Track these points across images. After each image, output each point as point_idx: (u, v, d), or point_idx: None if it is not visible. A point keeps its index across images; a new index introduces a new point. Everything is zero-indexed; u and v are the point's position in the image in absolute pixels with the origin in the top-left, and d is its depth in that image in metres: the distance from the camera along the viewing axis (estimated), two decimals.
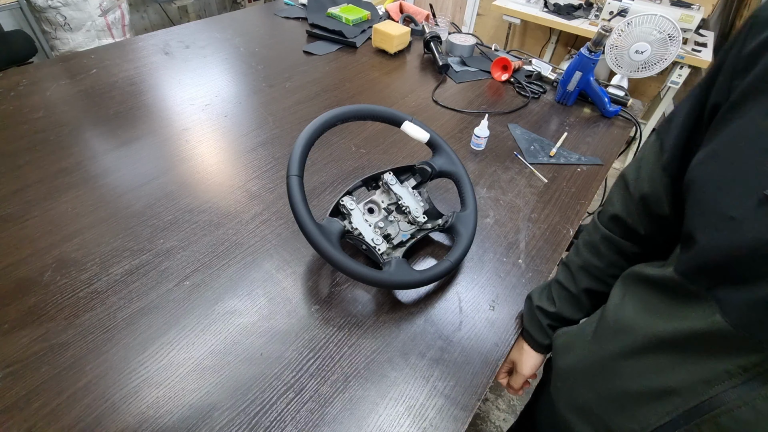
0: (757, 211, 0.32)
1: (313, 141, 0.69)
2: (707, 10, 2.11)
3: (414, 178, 0.83)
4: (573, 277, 0.63)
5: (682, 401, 0.38)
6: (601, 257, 0.60)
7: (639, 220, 0.53)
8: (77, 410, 0.56)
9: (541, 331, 0.66)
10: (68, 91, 1.16)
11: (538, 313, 0.66)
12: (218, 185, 0.91)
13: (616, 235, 0.57)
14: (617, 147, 1.12)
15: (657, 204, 0.50)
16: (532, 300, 0.68)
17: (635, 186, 0.53)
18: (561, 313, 0.64)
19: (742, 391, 0.34)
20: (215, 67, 1.33)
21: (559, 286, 0.65)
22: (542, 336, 0.66)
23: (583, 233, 0.64)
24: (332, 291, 0.73)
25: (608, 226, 0.59)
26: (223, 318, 0.67)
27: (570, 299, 0.63)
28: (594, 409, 0.49)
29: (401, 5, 1.73)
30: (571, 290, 0.63)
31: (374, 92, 1.27)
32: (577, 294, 0.62)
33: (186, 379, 0.60)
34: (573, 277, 0.63)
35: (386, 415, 0.58)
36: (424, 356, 0.65)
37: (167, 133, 1.04)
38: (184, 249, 0.77)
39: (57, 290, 0.69)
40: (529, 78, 1.38)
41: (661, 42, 1.21)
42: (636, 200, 0.53)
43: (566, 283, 0.64)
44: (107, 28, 2.48)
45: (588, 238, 0.62)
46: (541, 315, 0.66)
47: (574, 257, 0.64)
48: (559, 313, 0.64)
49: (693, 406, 0.37)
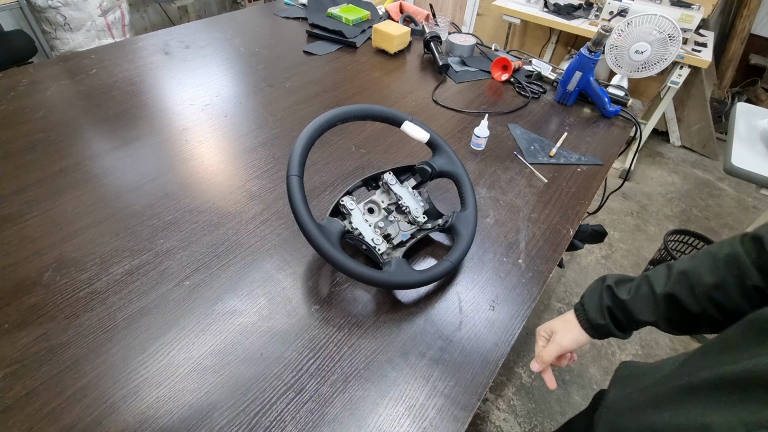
0: None
1: (313, 141, 0.69)
2: (707, 10, 2.11)
3: (414, 178, 0.83)
4: (668, 279, 0.56)
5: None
6: (714, 273, 0.52)
7: None
8: (77, 410, 0.56)
9: (599, 309, 0.61)
10: (68, 91, 1.16)
11: (606, 292, 0.61)
12: (218, 185, 0.91)
13: (749, 258, 0.50)
14: (617, 147, 1.12)
15: None
16: (605, 280, 0.63)
17: None
18: (630, 304, 0.58)
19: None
20: (215, 67, 1.33)
21: (646, 281, 0.59)
22: (596, 314, 0.61)
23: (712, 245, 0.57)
24: (332, 291, 0.73)
25: (747, 246, 0.51)
26: (223, 318, 0.67)
27: (649, 297, 0.57)
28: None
29: (401, 5, 1.73)
30: (657, 290, 0.56)
31: (374, 92, 1.27)
32: (660, 296, 0.56)
33: (186, 379, 0.60)
34: (668, 279, 0.56)
35: (386, 415, 0.58)
36: (424, 356, 0.65)
37: (167, 133, 1.04)
38: (184, 249, 0.77)
39: (57, 290, 0.69)
40: (529, 78, 1.38)
41: (661, 42, 1.21)
42: None
43: (655, 282, 0.57)
44: (107, 28, 2.48)
45: (714, 249, 0.55)
46: (608, 295, 0.61)
47: (686, 260, 0.57)
48: (628, 304, 0.58)
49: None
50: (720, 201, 2.46)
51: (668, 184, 2.55)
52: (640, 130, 1.20)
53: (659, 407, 0.47)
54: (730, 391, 0.39)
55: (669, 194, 2.48)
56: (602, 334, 0.63)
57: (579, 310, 0.64)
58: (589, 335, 0.64)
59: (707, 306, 0.52)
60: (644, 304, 0.58)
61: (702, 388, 0.42)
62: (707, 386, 0.42)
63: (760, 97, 2.87)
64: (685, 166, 2.71)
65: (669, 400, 0.46)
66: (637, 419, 0.49)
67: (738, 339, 0.43)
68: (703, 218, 2.33)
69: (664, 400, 0.47)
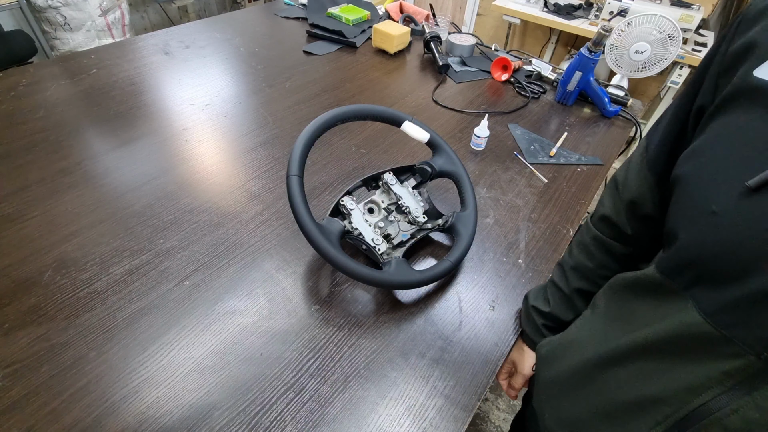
0: (738, 204, 0.32)
1: (313, 141, 0.69)
2: (707, 10, 2.11)
3: (414, 178, 0.83)
4: (566, 277, 0.63)
5: (671, 411, 0.37)
6: (591, 258, 0.60)
7: (626, 220, 0.54)
8: (77, 410, 0.56)
9: (537, 330, 0.66)
10: (68, 91, 1.16)
11: (533, 312, 0.66)
12: (218, 185, 0.91)
13: (606, 236, 0.58)
14: (617, 147, 1.12)
15: (643, 204, 0.50)
16: (528, 300, 0.68)
17: (623, 186, 0.53)
18: (555, 313, 0.64)
19: (729, 398, 0.33)
20: (215, 67, 1.33)
21: (554, 286, 0.65)
22: (538, 335, 0.66)
23: (577, 234, 0.64)
24: (332, 291, 0.73)
25: (598, 226, 0.59)
26: (223, 318, 0.67)
27: (563, 299, 0.63)
28: (582, 422, 0.48)
29: (401, 5, 1.73)
30: (564, 290, 0.63)
31: (374, 92, 1.26)
32: (569, 294, 0.62)
33: (186, 379, 0.60)
34: (566, 277, 0.63)
35: (386, 415, 0.58)
36: (424, 356, 0.65)
37: (167, 133, 1.04)
38: (184, 249, 0.77)
39: (57, 290, 0.69)
40: (529, 78, 1.38)
41: (661, 42, 1.21)
42: (624, 201, 0.53)
43: (560, 284, 0.64)
44: (107, 28, 2.48)
45: (580, 239, 0.62)
46: (536, 315, 0.66)
47: (567, 257, 0.64)
48: (553, 313, 0.64)
49: (683, 416, 0.36)
50: None
51: None
52: (640, 130, 1.20)
53: (596, 383, 0.46)
54: (656, 357, 0.38)
55: None
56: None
57: (524, 337, 0.69)
58: None
59: (603, 283, 0.56)
60: (564, 307, 0.63)
61: (627, 357, 0.41)
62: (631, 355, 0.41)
63: None
64: None
65: (601, 374, 0.45)
66: (577, 401, 0.49)
67: (636, 302, 0.43)
68: None
69: (596, 375, 0.46)
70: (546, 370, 0.58)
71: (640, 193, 0.50)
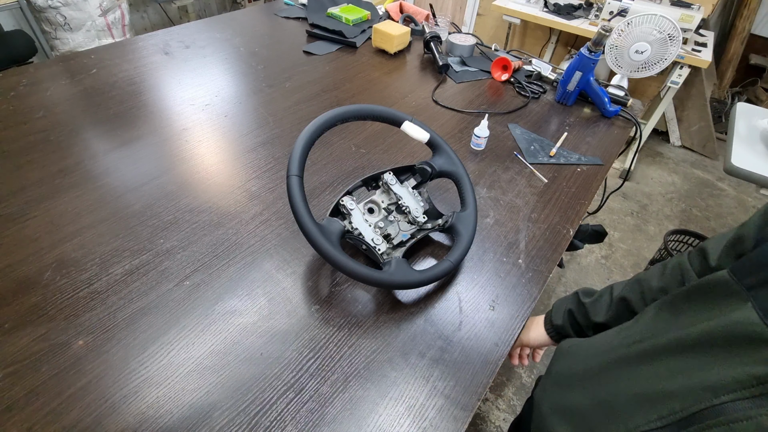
0: None
1: (313, 141, 0.69)
2: (707, 10, 2.11)
3: (414, 178, 0.83)
4: (625, 285, 0.62)
5: (680, 407, 0.37)
6: (661, 279, 0.57)
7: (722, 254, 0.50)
8: (77, 410, 0.56)
9: (561, 312, 0.67)
10: (68, 91, 1.16)
11: (572, 298, 0.67)
12: (218, 185, 0.91)
13: (692, 267, 0.54)
14: (617, 147, 1.12)
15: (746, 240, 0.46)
16: (578, 291, 0.69)
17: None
18: (588, 307, 0.64)
19: (749, 404, 0.32)
20: (215, 67, 1.33)
21: (609, 289, 0.64)
22: (557, 315, 0.67)
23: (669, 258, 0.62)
24: (332, 291, 0.73)
25: (691, 256, 0.55)
26: (223, 318, 0.67)
27: (605, 302, 0.62)
28: (580, 411, 0.48)
29: (401, 5, 1.73)
30: (613, 295, 0.62)
31: (374, 92, 1.26)
32: (615, 300, 0.61)
33: (186, 379, 0.60)
34: (625, 285, 0.62)
35: (386, 415, 0.58)
36: (424, 356, 0.65)
37: (167, 133, 1.04)
38: (184, 249, 0.77)
39: (57, 290, 0.69)
40: (529, 78, 1.38)
41: (661, 42, 1.21)
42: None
43: (615, 289, 0.63)
44: (107, 28, 2.48)
45: (666, 262, 0.60)
46: (573, 300, 0.67)
47: (643, 272, 0.62)
48: (587, 306, 0.64)
49: (690, 414, 0.36)
50: (720, 201, 2.46)
51: (668, 184, 2.55)
52: (640, 130, 1.20)
53: (610, 376, 0.46)
54: (689, 355, 0.38)
55: (669, 194, 2.48)
56: (561, 336, 0.69)
57: (548, 313, 0.73)
58: (549, 336, 0.72)
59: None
60: (600, 307, 0.64)
61: (656, 354, 0.42)
62: (662, 352, 0.41)
63: (760, 97, 2.87)
64: (685, 166, 2.71)
65: (620, 369, 0.45)
66: (584, 392, 0.49)
67: (687, 305, 0.43)
68: (703, 218, 2.33)
69: (614, 369, 0.46)
70: (559, 364, 0.58)
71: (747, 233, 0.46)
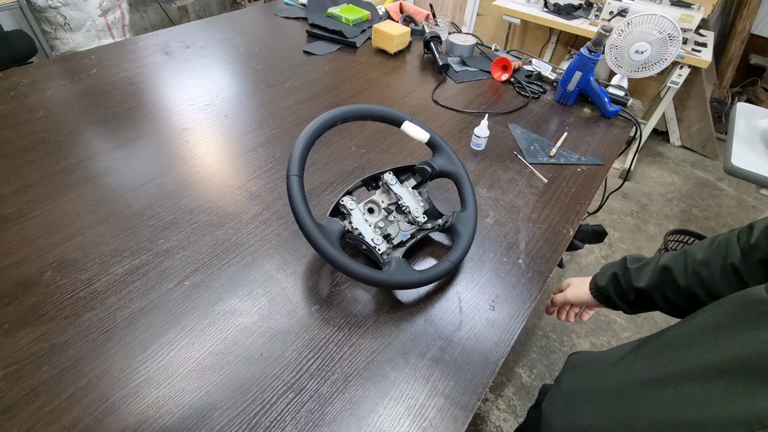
0: None
1: (313, 141, 0.69)
2: (707, 10, 2.11)
3: (414, 178, 0.83)
4: (673, 255, 0.59)
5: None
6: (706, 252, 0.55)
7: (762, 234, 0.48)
8: (77, 410, 0.56)
9: (605, 274, 0.68)
10: (68, 91, 1.16)
11: (620, 262, 0.67)
12: (218, 185, 0.91)
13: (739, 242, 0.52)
14: (617, 147, 1.12)
15: None
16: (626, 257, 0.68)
17: None
18: (632, 272, 0.63)
19: None
20: (215, 67, 1.33)
21: (657, 256, 0.62)
22: (602, 277, 0.68)
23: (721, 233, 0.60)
24: (332, 291, 0.73)
25: (740, 231, 0.53)
26: (223, 318, 0.67)
27: (650, 268, 0.61)
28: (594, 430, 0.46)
29: (401, 5, 1.73)
30: (659, 262, 0.60)
31: (374, 92, 1.26)
32: (659, 267, 0.59)
33: (186, 379, 0.60)
34: (673, 255, 0.59)
35: (386, 415, 0.58)
36: (424, 356, 0.65)
37: (167, 133, 1.04)
38: (184, 249, 0.77)
39: (57, 290, 0.69)
40: (529, 78, 1.38)
41: (661, 42, 1.21)
42: None
43: (664, 257, 0.61)
44: (107, 28, 2.48)
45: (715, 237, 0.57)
46: (619, 264, 0.67)
47: (692, 245, 0.60)
48: (631, 271, 0.63)
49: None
50: (720, 201, 2.46)
51: (668, 184, 2.55)
52: (640, 130, 1.20)
53: (628, 398, 0.44)
54: (725, 381, 0.35)
55: (669, 194, 2.48)
56: (603, 297, 0.69)
57: (594, 275, 0.72)
58: (593, 295, 0.71)
59: (692, 281, 0.55)
60: (643, 273, 0.62)
61: (683, 378, 0.39)
62: (689, 377, 0.38)
63: (760, 97, 2.87)
64: (685, 166, 2.71)
65: (640, 391, 0.43)
66: (602, 412, 0.47)
67: (724, 322, 0.40)
68: (703, 218, 2.33)
69: (634, 390, 0.44)
70: (570, 379, 0.57)
71: None
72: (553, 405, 0.57)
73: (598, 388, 0.51)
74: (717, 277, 0.52)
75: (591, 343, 1.69)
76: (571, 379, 0.57)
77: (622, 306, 0.66)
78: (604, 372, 0.52)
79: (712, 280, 0.53)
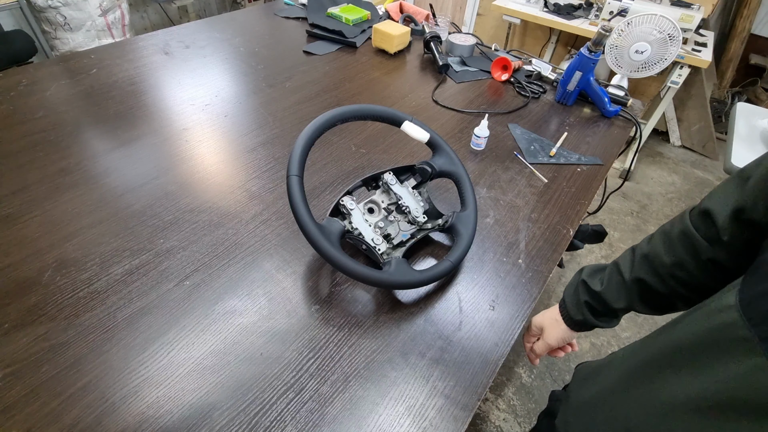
0: None
1: (313, 141, 0.69)
2: (707, 10, 2.11)
3: (414, 178, 0.83)
4: (632, 264, 0.58)
5: None
6: (671, 252, 0.53)
7: (728, 221, 0.46)
8: (77, 410, 0.56)
9: (577, 306, 0.64)
10: (68, 91, 1.16)
11: (581, 287, 0.64)
12: (218, 185, 0.91)
13: (699, 233, 0.50)
14: (617, 147, 1.12)
15: (754, 206, 0.43)
16: (581, 273, 0.66)
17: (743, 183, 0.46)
18: (605, 296, 0.60)
19: None
20: (215, 67, 1.33)
21: (616, 268, 0.61)
22: (576, 311, 0.64)
23: (665, 224, 0.58)
24: (332, 291, 0.73)
25: (694, 220, 0.51)
26: (223, 318, 0.67)
27: (620, 285, 0.59)
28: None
29: (401, 5, 1.73)
30: (625, 276, 0.58)
31: (374, 92, 1.26)
32: (629, 282, 0.58)
33: (186, 379, 0.60)
34: (632, 264, 0.58)
35: (386, 415, 0.58)
36: (424, 356, 0.65)
37: (167, 133, 1.04)
38: (184, 249, 0.77)
39: (57, 290, 0.69)
40: (529, 78, 1.38)
41: (661, 42, 1.21)
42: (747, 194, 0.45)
43: (623, 268, 0.59)
44: (107, 28, 2.48)
45: (667, 228, 0.56)
46: (583, 290, 0.63)
47: (644, 244, 0.58)
48: (603, 295, 0.60)
49: None
50: None
51: (668, 184, 2.55)
52: (640, 130, 1.20)
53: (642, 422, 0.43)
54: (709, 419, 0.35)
55: (669, 194, 2.48)
56: (585, 327, 0.66)
57: (562, 307, 0.68)
58: (574, 331, 0.68)
59: (673, 285, 0.53)
60: (617, 293, 0.60)
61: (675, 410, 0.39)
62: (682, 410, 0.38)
63: (760, 97, 2.87)
64: (685, 166, 2.71)
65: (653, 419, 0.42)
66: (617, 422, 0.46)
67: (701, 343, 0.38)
68: None
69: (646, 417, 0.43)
70: (582, 392, 0.56)
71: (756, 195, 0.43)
72: (565, 422, 0.57)
73: (605, 401, 0.50)
74: (697, 274, 0.51)
75: (591, 343, 1.69)
76: (578, 393, 0.57)
77: (610, 324, 0.65)
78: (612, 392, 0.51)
79: (693, 279, 0.52)
